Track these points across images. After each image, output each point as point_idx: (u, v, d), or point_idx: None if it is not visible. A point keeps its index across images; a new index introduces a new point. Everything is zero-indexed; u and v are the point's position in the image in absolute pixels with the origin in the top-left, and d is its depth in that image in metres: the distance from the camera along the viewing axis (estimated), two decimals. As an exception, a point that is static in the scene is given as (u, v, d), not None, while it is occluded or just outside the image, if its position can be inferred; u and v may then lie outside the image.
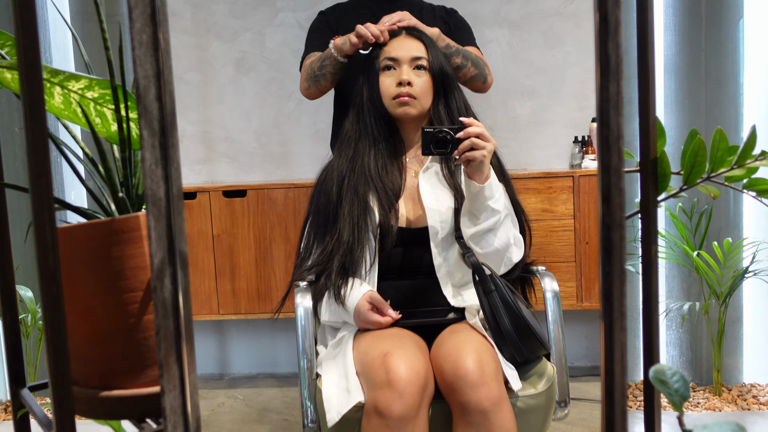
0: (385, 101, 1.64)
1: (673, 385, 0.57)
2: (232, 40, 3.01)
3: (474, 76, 2.04)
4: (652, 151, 0.74)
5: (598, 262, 2.58)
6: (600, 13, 0.56)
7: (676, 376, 0.58)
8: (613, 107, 0.56)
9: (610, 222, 0.57)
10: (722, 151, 0.85)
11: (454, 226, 1.59)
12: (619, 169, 0.56)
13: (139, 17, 0.59)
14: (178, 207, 0.61)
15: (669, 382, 0.57)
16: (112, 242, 0.70)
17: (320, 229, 1.63)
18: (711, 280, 2.54)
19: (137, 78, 0.59)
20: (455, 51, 1.96)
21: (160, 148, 0.60)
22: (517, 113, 2.97)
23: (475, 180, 1.49)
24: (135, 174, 0.82)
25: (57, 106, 0.79)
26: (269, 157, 3.05)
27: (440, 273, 1.59)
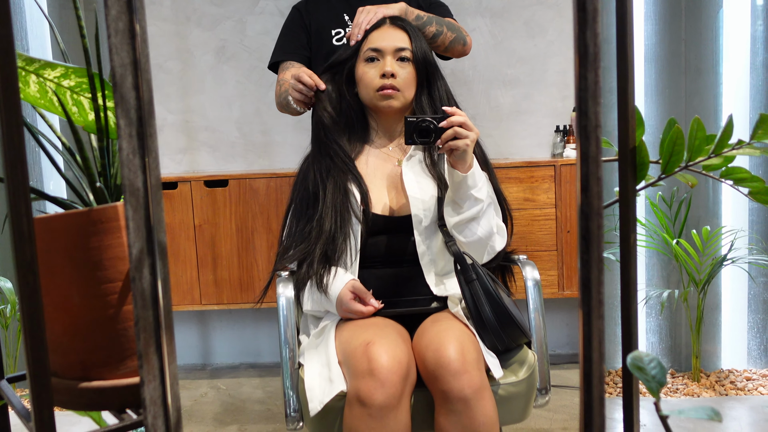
0: (368, 93, 1.63)
1: (650, 372, 0.58)
2: (212, 28, 2.98)
3: (453, 40, 2.00)
4: (630, 140, 0.75)
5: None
6: (578, 2, 0.56)
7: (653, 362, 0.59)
8: (591, 96, 0.56)
9: (588, 211, 0.57)
10: (700, 140, 0.86)
11: (438, 214, 1.60)
12: (597, 158, 0.57)
13: (114, 4, 0.58)
14: (157, 197, 0.61)
15: (646, 369, 0.58)
16: (90, 232, 0.69)
17: (302, 218, 1.63)
18: (690, 268, 2.57)
19: (114, 67, 0.58)
20: (427, 20, 1.91)
21: (137, 138, 0.60)
22: (499, 102, 2.97)
23: (458, 169, 1.50)
24: (113, 163, 0.82)
25: (33, 95, 0.78)
26: (251, 147, 3.04)
27: (423, 261, 1.59)
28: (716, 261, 2.57)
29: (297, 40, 2.14)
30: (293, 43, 2.13)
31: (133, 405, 0.70)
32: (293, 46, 2.13)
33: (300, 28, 2.15)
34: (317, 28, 2.13)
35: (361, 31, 1.72)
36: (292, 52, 2.13)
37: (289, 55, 2.12)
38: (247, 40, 2.98)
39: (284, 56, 2.14)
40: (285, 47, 2.15)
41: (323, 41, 2.13)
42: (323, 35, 2.12)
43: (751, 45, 2.70)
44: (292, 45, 2.13)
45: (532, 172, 2.63)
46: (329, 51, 2.10)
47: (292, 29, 2.17)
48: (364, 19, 1.74)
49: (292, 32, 2.16)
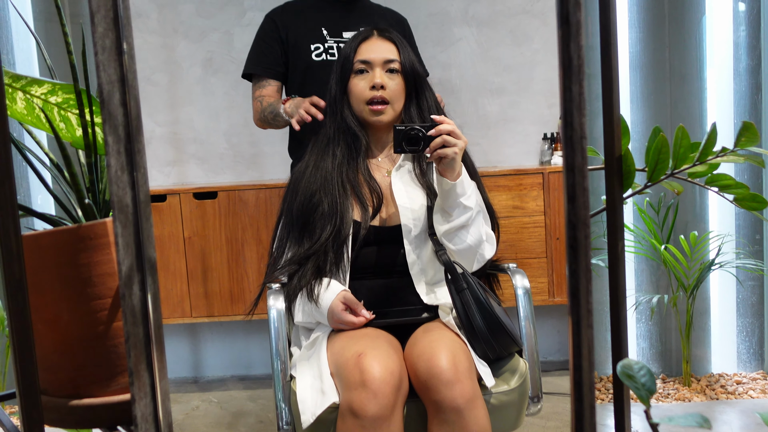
0: (357, 105, 1.64)
1: (640, 380, 0.58)
2: (199, 40, 2.99)
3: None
4: (616, 149, 0.76)
5: (568, 258, 2.62)
6: (561, 14, 0.57)
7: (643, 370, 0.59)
8: (576, 108, 0.57)
9: (575, 221, 0.58)
10: (684, 148, 0.87)
11: (427, 223, 1.60)
12: (583, 169, 0.57)
13: (101, 21, 0.58)
14: (146, 213, 0.61)
15: (636, 377, 0.58)
16: (79, 249, 0.69)
17: (292, 229, 1.63)
18: (678, 273, 2.59)
19: (101, 83, 0.58)
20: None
21: (125, 154, 0.60)
22: (487, 111, 2.99)
23: (447, 177, 1.50)
24: (101, 179, 0.82)
25: (20, 112, 0.78)
26: (240, 158, 3.03)
27: (413, 271, 1.60)
28: (704, 266, 2.59)
29: (271, 54, 2.13)
30: (268, 57, 2.13)
31: (125, 422, 0.70)
32: (268, 60, 2.13)
33: (275, 40, 2.14)
34: (294, 41, 2.12)
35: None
36: (267, 68, 2.14)
37: (265, 71, 2.14)
38: (235, 51, 2.99)
39: (259, 71, 2.15)
40: (260, 61, 2.15)
41: (301, 55, 2.12)
42: (301, 49, 2.12)
43: (734, 51, 2.73)
44: (267, 59, 2.13)
45: (520, 179, 2.64)
46: (307, 65, 2.11)
47: (266, 41, 2.15)
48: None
49: (266, 44, 2.15)
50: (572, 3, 0.56)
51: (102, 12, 0.58)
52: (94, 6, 0.57)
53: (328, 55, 2.12)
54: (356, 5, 2.19)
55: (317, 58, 2.12)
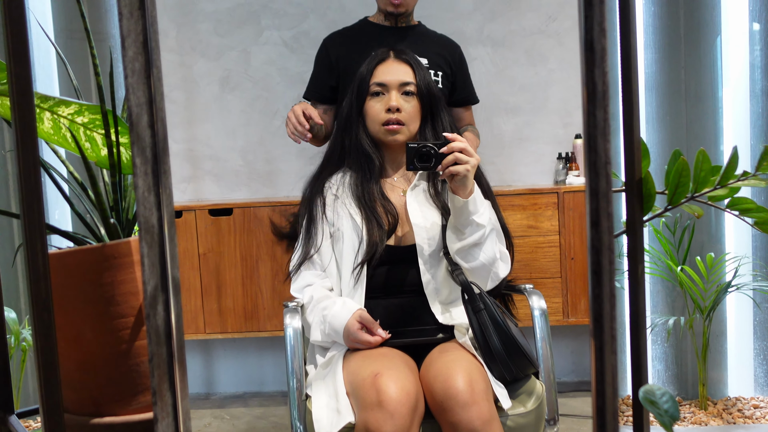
0: (373, 126, 1.65)
1: (662, 406, 0.58)
2: (217, 59, 3.02)
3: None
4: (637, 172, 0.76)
5: (583, 278, 2.61)
6: (586, 41, 0.57)
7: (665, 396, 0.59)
8: (600, 133, 0.57)
9: (599, 246, 0.58)
10: (705, 171, 0.87)
11: (442, 243, 1.61)
12: (608, 195, 0.57)
13: (131, 45, 0.59)
14: (171, 233, 0.61)
15: (659, 403, 0.58)
16: (103, 268, 0.70)
17: (307, 247, 1.64)
18: (695, 295, 2.56)
19: (130, 106, 0.59)
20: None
21: (152, 175, 0.60)
22: (502, 130, 2.99)
23: (459, 195, 1.51)
24: (125, 198, 0.82)
25: (46, 131, 0.79)
26: (255, 175, 3.05)
27: (428, 290, 1.59)
28: (721, 288, 2.57)
29: (321, 81, 2.26)
30: (318, 83, 2.28)
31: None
32: (318, 86, 2.27)
33: (325, 67, 2.26)
34: (345, 66, 2.20)
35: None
36: (317, 92, 2.27)
37: (311, 94, 2.28)
38: (252, 70, 3.01)
39: (307, 94, 2.30)
40: (311, 87, 2.30)
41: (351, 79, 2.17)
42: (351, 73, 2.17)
43: (750, 72, 2.72)
44: (317, 85, 2.28)
45: (535, 199, 2.64)
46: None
47: (318, 68, 2.29)
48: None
49: (317, 71, 2.29)
50: (597, 30, 0.56)
51: (132, 36, 0.59)
52: (125, 30, 0.58)
53: None
54: (410, 31, 2.24)
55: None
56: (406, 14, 2.23)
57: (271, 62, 3.00)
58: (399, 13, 2.19)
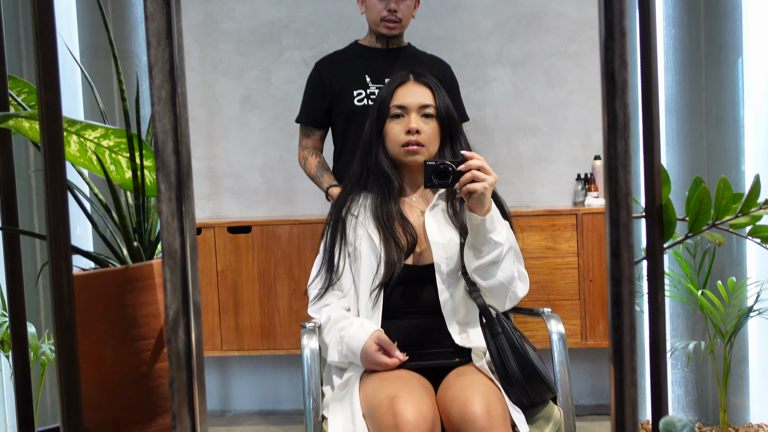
0: (394, 148, 1.67)
1: (683, 439, 0.57)
2: (238, 78, 3.05)
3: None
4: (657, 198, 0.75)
5: (602, 300, 2.58)
6: (607, 72, 0.58)
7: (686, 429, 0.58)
8: (621, 164, 0.57)
9: (619, 276, 0.58)
10: (727, 199, 0.86)
11: (460, 262, 1.61)
12: (628, 226, 0.57)
13: (158, 74, 0.60)
14: (193, 257, 0.62)
15: (680, 436, 0.58)
16: (126, 290, 0.71)
17: (327, 266, 1.65)
18: (716, 319, 2.53)
19: (156, 133, 0.60)
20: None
21: (176, 201, 0.61)
22: (520, 150, 2.99)
23: (476, 213, 1.51)
24: (147, 219, 0.84)
25: (73, 154, 0.81)
26: (274, 193, 3.07)
27: (445, 310, 1.59)
28: (742, 312, 2.53)
29: (316, 105, 2.32)
30: (313, 107, 2.33)
31: (164, 463, 0.71)
32: (313, 111, 2.33)
33: (319, 91, 2.31)
34: (339, 88, 2.25)
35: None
36: (312, 117, 2.33)
37: (310, 120, 2.34)
38: (272, 89, 3.04)
39: (303, 120, 2.35)
40: (306, 111, 2.35)
41: (345, 101, 2.25)
42: (344, 96, 2.24)
43: (773, 95, 2.70)
44: (312, 110, 2.33)
45: (553, 220, 2.63)
46: (350, 110, 2.22)
47: (311, 91, 2.34)
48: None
49: (312, 95, 2.33)
50: (618, 62, 0.56)
51: (159, 64, 0.60)
52: (152, 59, 0.60)
53: (369, 101, 2.21)
54: (401, 53, 2.28)
55: (359, 103, 2.22)
56: (398, 36, 2.27)
57: (292, 81, 3.03)
58: (392, 35, 2.22)
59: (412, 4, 2.24)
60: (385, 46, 2.29)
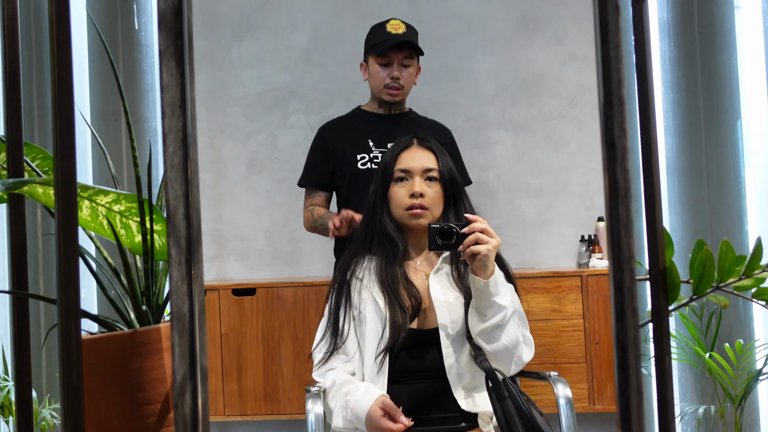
0: (398, 211, 1.68)
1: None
2: (245, 141, 3.11)
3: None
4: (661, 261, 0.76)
5: (609, 363, 2.55)
6: (607, 139, 0.59)
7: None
8: (623, 228, 0.58)
9: (625, 340, 0.58)
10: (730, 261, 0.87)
11: (465, 327, 1.60)
12: (632, 290, 0.58)
13: (172, 142, 0.62)
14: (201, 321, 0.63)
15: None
16: (133, 354, 0.71)
17: (332, 330, 1.64)
18: (725, 383, 2.50)
19: (168, 199, 0.62)
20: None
21: (186, 265, 0.62)
22: (524, 212, 3.01)
23: (480, 275, 1.51)
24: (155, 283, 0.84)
25: (84, 219, 0.82)
26: (279, 255, 3.08)
27: (451, 375, 1.58)
28: (752, 375, 2.50)
29: (320, 168, 2.36)
30: (317, 170, 2.37)
31: None
32: (316, 174, 2.37)
33: (323, 155, 2.35)
34: (342, 151, 2.30)
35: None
36: (316, 180, 2.37)
37: (313, 183, 2.38)
38: (278, 152, 3.09)
39: (310, 183, 2.39)
40: (310, 174, 2.39)
41: (348, 165, 2.29)
42: (348, 160, 2.29)
43: (773, 157, 2.74)
44: (316, 173, 2.37)
45: (558, 282, 2.62)
46: (354, 174, 2.26)
47: (316, 155, 2.38)
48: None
49: (316, 159, 2.38)
50: (617, 129, 0.58)
51: (173, 133, 0.62)
52: (167, 127, 0.62)
53: (372, 164, 2.25)
54: (403, 118, 2.34)
55: (362, 167, 2.26)
56: (400, 102, 2.32)
57: (297, 145, 3.07)
58: (394, 101, 2.28)
59: (414, 72, 2.30)
60: (388, 112, 2.35)
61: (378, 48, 2.23)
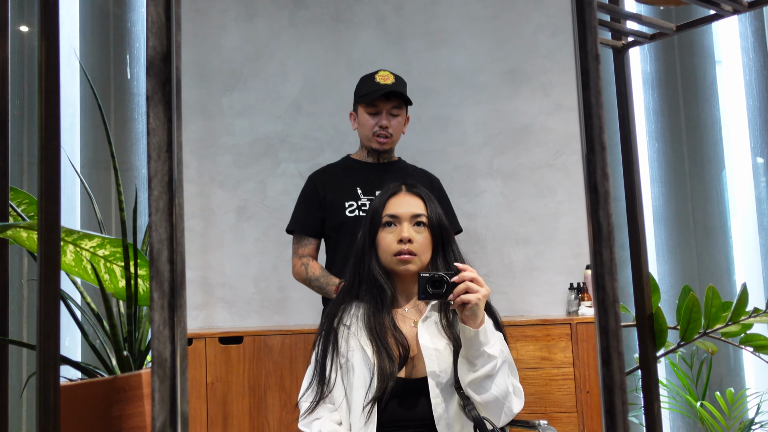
0: (386, 257, 1.68)
1: None
2: (234, 189, 3.11)
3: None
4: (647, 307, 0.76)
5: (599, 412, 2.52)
6: (590, 183, 0.60)
7: None
8: (607, 272, 0.58)
9: (611, 385, 0.57)
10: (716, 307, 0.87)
11: (454, 376, 1.58)
12: (617, 333, 0.58)
13: (157, 185, 0.62)
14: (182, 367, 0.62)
15: None
16: (113, 401, 0.69)
17: (319, 379, 1.62)
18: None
19: (152, 242, 0.62)
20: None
21: (168, 309, 0.62)
22: (512, 260, 3.01)
23: (470, 325, 1.50)
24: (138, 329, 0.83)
25: (68, 263, 0.82)
26: (267, 303, 3.06)
27: (440, 425, 1.55)
28: (744, 425, 2.47)
29: (311, 215, 2.37)
30: (307, 217, 2.38)
31: None
32: (306, 220, 2.37)
33: (313, 202, 2.37)
34: (332, 200, 2.32)
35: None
36: (306, 226, 2.37)
37: (304, 229, 2.38)
38: (268, 200, 3.10)
39: (300, 228, 2.38)
40: (300, 220, 2.39)
41: (337, 212, 2.32)
42: (336, 207, 2.31)
43: (757, 205, 2.77)
44: (306, 219, 2.38)
45: (548, 330, 2.61)
46: (342, 221, 2.28)
47: (306, 202, 2.39)
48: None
49: (306, 206, 2.39)
50: (599, 174, 0.59)
51: (159, 177, 0.62)
52: (152, 171, 0.62)
53: (360, 212, 2.27)
54: (392, 167, 2.37)
55: (350, 215, 2.27)
56: (389, 151, 2.35)
57: (287, 192, 3.09)
58: (383, 150, 2.31)
59: (402, 121, 2.33)
60: (377, 160, 2.37)
61: (367, 98, 2.26)
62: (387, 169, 2.37)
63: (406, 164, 2.45)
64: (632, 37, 0.78)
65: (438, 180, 2.45)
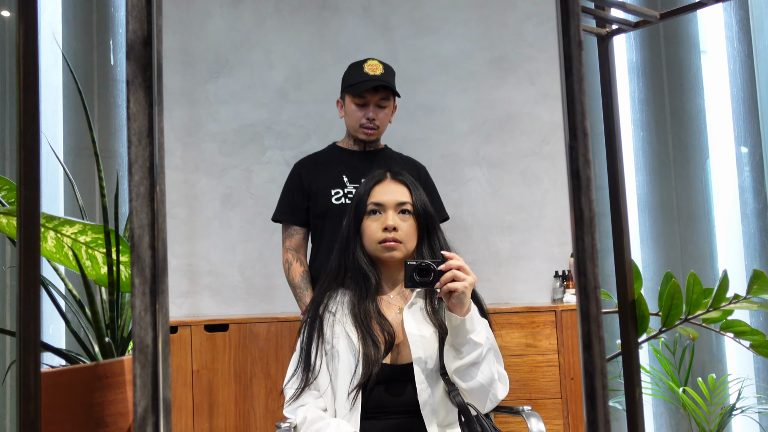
0: (371, 245, 1.68)
1: None
2: (220, 177, 3.10)
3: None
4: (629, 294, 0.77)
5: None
6: (572, 170, 0.60)
7: None
8: (589, 258, 0.58)
9: (592, 369, 0.58)
10: (697, 294, 0.88)
11: (440, 362, 1.59)
12: (599, 319, 0.58)
13: (138, 171, 0.62)
14: (165, 353, 0.61)
15: None
16: (94, 387, 0.69)
17: (304, 366, 1.62)
18: (699, 418, 2.50)
19: (133, 227, 0.61)
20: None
21: (150, 295, 0.61)
22: (498, 248, 3.03)
23: (456, 313, 1.51)
24: (121, 316, 0.83)
25: (49, 250, 0.81)
26: (252, 291, 3.05)
27: (425, 411, 1.56)
28: (725, 410, 2.50)
29: (296, 204, 2.37)
30: (293, 206, 2.37)
31: None
32: (293, 209, 2.37)
33: (299, 191, 2.36)
34: (317, 188, 2.31)
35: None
36: (293, 215, 2.37)
37: (290, 218, 2.37)
38: (253, 187, 3.09)
39: (286, 218, 2.38)
40: (286, 209, 2.39)
41: (322, 200, 2.31)
42: (322, 195, 2.30)
43: (740, 194, 2.79)
44: (292, 208, 2.37)
45: (533, 317, 2.62)
46: (327, 209, 2.27)
47: (292, 191, 2.39)
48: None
49: (292, 194, 2.38)
50: (582, 160, 0.59)
51: (139, 162, 0.61)
52: (133, 156, 0.61)
53: (346, 199, 2.27)
54: (378, 155, 2.36)
55: (336, 202, 2.27)
56: (375, 140, 2.35)
57: (273, 180, 3.07)
58: (370, 140, 2.31)
59: (389, 112, 2.33)
60: (363, 149, 2.37)
61: (355, 89, 2.25)
62: (373, 157, 2.37)
63: (392, 152, 2.45)
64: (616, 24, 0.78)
65: (424, 168, 2.45)
